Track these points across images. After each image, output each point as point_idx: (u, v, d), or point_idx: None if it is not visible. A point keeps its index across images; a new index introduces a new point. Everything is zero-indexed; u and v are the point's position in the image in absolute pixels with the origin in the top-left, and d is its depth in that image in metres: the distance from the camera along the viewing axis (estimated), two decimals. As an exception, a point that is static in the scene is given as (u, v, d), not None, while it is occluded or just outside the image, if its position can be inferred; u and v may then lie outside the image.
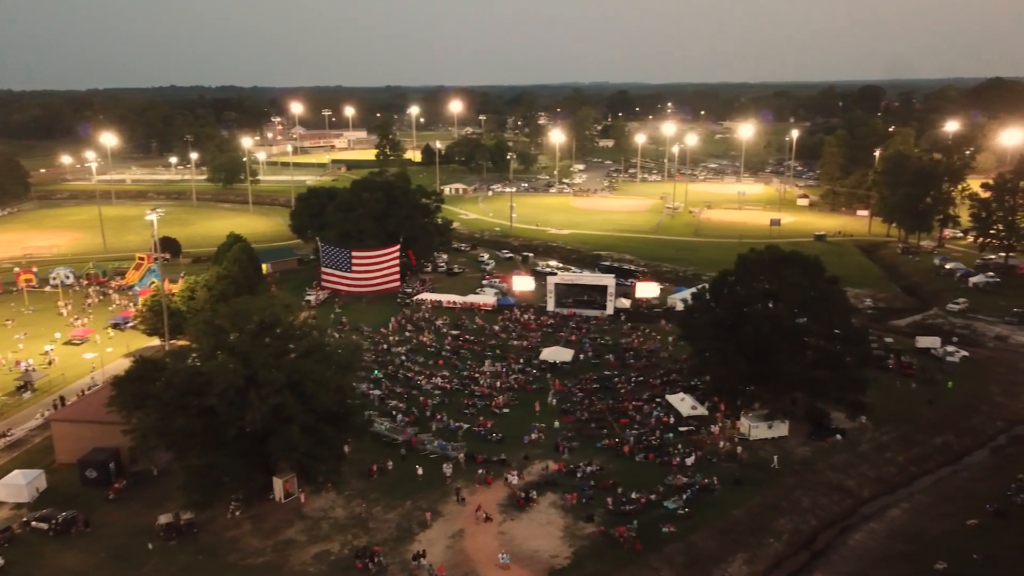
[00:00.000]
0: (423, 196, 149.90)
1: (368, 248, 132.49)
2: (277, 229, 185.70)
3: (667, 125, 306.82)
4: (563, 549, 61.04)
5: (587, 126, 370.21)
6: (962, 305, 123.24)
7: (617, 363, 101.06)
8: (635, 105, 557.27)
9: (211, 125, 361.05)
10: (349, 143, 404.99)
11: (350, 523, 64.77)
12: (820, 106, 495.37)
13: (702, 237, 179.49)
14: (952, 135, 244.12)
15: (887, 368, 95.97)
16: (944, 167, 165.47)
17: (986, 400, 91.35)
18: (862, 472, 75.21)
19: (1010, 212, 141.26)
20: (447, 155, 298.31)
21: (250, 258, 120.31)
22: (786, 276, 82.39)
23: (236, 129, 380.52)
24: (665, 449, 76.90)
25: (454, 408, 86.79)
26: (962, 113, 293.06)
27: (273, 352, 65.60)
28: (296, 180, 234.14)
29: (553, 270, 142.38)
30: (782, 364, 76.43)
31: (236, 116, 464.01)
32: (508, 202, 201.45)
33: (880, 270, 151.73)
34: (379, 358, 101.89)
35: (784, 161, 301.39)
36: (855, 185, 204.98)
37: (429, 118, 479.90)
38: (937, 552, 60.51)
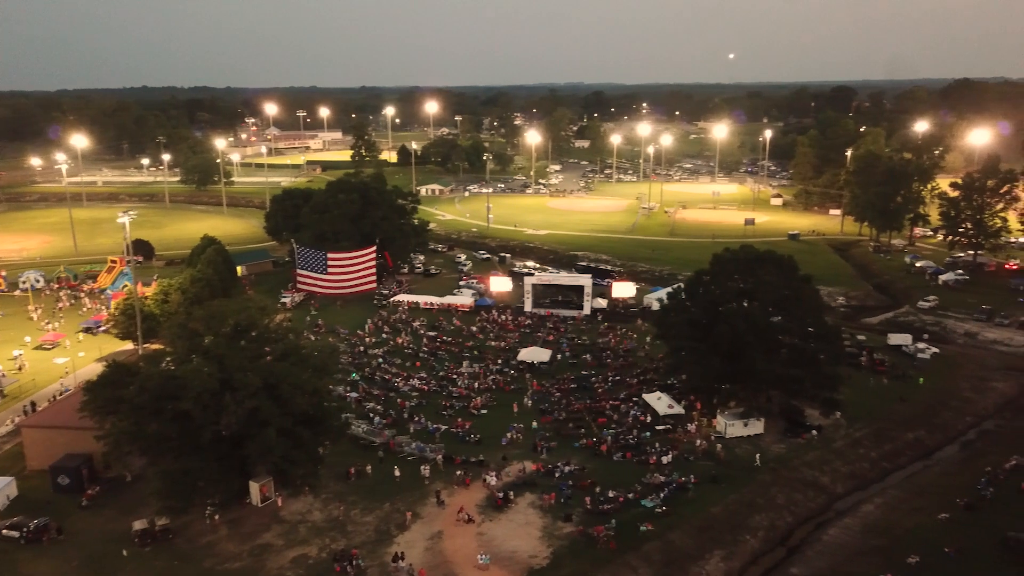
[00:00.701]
0: (399, 197, 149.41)
1: (344, 250, 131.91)
2: (252, 231, 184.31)
3: (642, 126, 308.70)
4: (542, 549, 61.18)
5: (563, 127, 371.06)
6: (932, 302, 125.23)
7: (594, 363, 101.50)
8: (610, 106, 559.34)
9: (184, 126, 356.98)
10: (324, 144, 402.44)
11: (328, 526, 64.44)
12: (793, 107, 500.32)
13: (677, 237, 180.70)
14: (921, 135, 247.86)
15: (860, 365, 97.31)
16: (914, 166, 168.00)
17: (956, 396, 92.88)
18: (836, 468, 76.14)
19: (978, 211, 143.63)
20: (423, 156, 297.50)
21: (224, 260, 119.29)
22: (760, 275, 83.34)
23: (209, 130, 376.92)
24: (642, 448, 77.38)
25: (432, 410, 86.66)
26: (931, 113, 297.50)
27: (249, 355, 65.11)
28: (271, 181, 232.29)
29: (530, 271, 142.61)
30: (757, 362, 77.25)
31: (209, 117, 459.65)
32: (485, 203, 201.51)
33: (852, 268, 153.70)
34: (356, 360, 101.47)
35: (758, 161, 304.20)
36: (827, 184, 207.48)
37: (405, 119, 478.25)
38: (909, 546, 61.41)
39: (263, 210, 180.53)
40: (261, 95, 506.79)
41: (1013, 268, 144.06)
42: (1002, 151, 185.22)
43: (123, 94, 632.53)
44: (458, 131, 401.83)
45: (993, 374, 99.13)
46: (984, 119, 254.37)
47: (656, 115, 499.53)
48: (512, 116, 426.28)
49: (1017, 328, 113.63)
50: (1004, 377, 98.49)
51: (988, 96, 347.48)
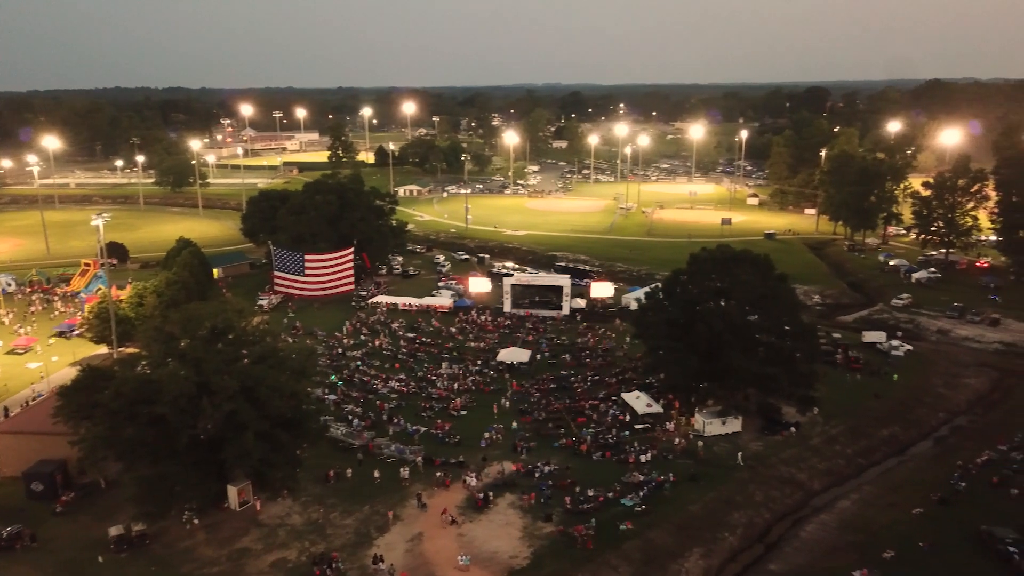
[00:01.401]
0: (377, 198, 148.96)
1: (321, 251, 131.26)
2: (228, 233, 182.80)
3: (619, 126, 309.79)
4: (522, 549, 61.28)
5: (540, 127, 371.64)
6: (906, 300, 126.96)
7: (573, 363, 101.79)
8: (587, 106, 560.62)
9: (158, 127, 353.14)
10: (301, 145, 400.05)
11: (307, 530, 64.10)
12: (768, 107, 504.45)
13: (655, 237, 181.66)
14: (894, 135, 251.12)
15: (835, 363, 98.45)
16: (887, 166, 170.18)
17: (929, 392, 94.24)
18: (813, 465, 76.98)
19: (949, 210, 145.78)
20: (401, 157, 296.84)
21: (200, 263, 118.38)
22: (737, 274, 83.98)
23: (184, 131, 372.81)
24: (622, 447, 77.73)
25: (411, 411, 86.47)
26: (903, 114, 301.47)
27: (226, 358, 64.57)
28: (247, 183, 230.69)
29: (509, 271, 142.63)
30: (734, 361, 77.91)
31: (184, 118, 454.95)
32: (463, 203, 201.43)
33: (827, 267, 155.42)
34: (334, 362, 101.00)
35: (734, 161, 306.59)
36: (802, 184, 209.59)
37: (382, 119, 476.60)
38: (885, 541, 62.22)
39: (239, 212, 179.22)
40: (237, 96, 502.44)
41: (984, 266, 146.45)
42: (972, 151, 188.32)
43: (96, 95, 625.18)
44: (436, 132, 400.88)
45: (965, 370, 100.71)
46: (955, 119, 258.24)
47: (633, 116, 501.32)
48: (490, 117, 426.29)
49: (988, 325, 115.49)
50: (976, 373, 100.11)
51: (959, 97, 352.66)
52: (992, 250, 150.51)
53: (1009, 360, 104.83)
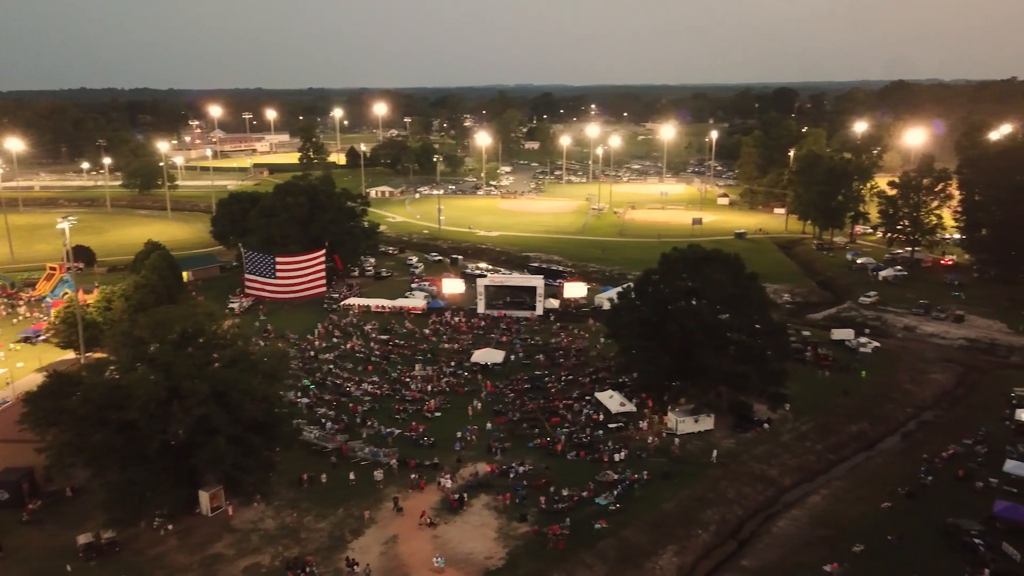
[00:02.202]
0: (348, 199, 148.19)
1: (293, 253, 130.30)
2: (198, 236, 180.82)
3: (591, 127, 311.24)
4: (497, 550, 61.35)
5: (512, 128, 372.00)
6: (873, 298, 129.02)
7: (547, 363, 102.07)
8: (559, 107, 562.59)
9: (125, 129, 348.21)
10: (271, 146, 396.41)
11: (280, 534, 63.61)
12: (737, 107, 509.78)
13: (627, 237, 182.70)
14: (860, 135, 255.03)
15: (805, 360, 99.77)
16: (854, 166, 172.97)
17: (896, 388, 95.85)
18: (784, 461, 77.94)
19: (915, 209, 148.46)
20: (372, 158, 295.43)
21: (170, 266, 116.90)
22: (708, 274, 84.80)
23: (152, 133, 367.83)
24: (596, 446, 78.10)
25: (385, 414, 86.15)
26: (869, 114, 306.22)
27: (196, 362, 63.90)
28: (217, 185, 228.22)
29: (483, 272, 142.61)
30: (706, 359, 78.70)
31: (151, 119, 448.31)
32: (436, 204, 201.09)
33: (797, 266, 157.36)
34: (306, 365, 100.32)
35: (704, 161, 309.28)
36: (772, 184, 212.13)
37: (353, 120, 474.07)
38: (855, 535, 63.22)
39: (209, 214, 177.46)
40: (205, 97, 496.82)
41: (948, 264, 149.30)
42: (936, 151, 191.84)
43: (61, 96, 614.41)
44: (407, 133, 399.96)
45: (931, 366, 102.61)
46: (919, 120, 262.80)
47: (604, 116, 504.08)
48: (462, 117, 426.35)
49: (952, 321, 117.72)
50: (941, 369, 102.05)
51: (923, 97, 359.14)
52: (956, 248, 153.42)
53: (973, 356, 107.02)
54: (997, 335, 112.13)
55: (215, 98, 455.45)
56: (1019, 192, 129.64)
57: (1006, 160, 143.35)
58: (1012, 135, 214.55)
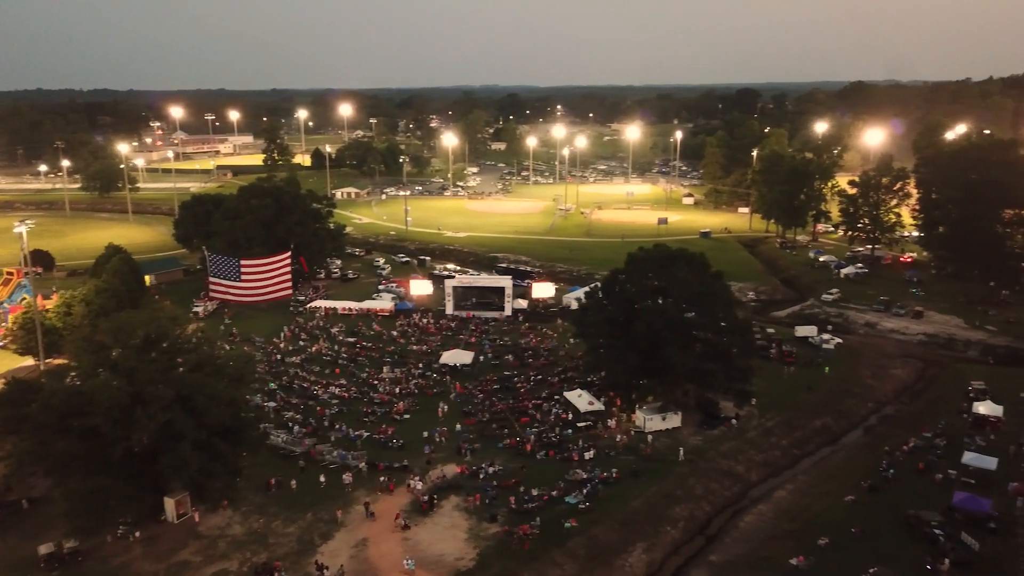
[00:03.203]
0: (314, 201, 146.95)
1: (257, 256, 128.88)
2: (160, 239, 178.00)
3: (557, 128, 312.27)
4: (468, 551, 61.36)
5: (479, 129, 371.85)
6: (835, 295, 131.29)
7: (516, 363, 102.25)
8: (525, 108, 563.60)
9: (84, 130, 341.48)
10: (235, 148, 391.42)
11: (248, 539, 62.94)
12: (701, 108, 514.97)
13: (594, 237, 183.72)
14: (821, 135, 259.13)
15: (770, 357, 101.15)
16: (815, 165, 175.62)
17: (858, 383, 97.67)
18: (750, 457, 79.00)
19: (874, 207, 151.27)
20: (338, 159, 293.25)
21: (132, 270, 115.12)
22: (674, 273, 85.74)
23: (112, 134, 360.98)
24: (565, 445, 78.45)
25: (353, 416, 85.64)
26: (829, 114, 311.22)
27: (160, 367, 63.02)
28: (179, 187, 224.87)
29: (451, 273, 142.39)
30: (673, 357, 79.49)
31: (111, 121, 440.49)
32: (402, 205, 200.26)
33: (761, 264, 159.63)
34: (273, 369, 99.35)
35: (669, 162, 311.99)
36: (735, 184, 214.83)
37: (318, 121, 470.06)
38: (819, 528, 64.29)
39: (172, 217, 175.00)
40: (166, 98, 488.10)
41: (908, 261, 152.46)
42: (894, 150, 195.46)
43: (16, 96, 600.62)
44: (373, 134, 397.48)
45: (892, 361, 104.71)
46: (877, 120, 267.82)
47: (570, 117, 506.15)
48: (428, 118, 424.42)
49: (912, 317, 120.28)
50: (902, 364, 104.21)
51: (880, 98, 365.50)
52: (915, 245, 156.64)
53: (932, 351, 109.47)
54: (955, 330, 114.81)
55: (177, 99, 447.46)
56: (973, 191, 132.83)
57: (961, 160, 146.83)
58: (966, 135, 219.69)
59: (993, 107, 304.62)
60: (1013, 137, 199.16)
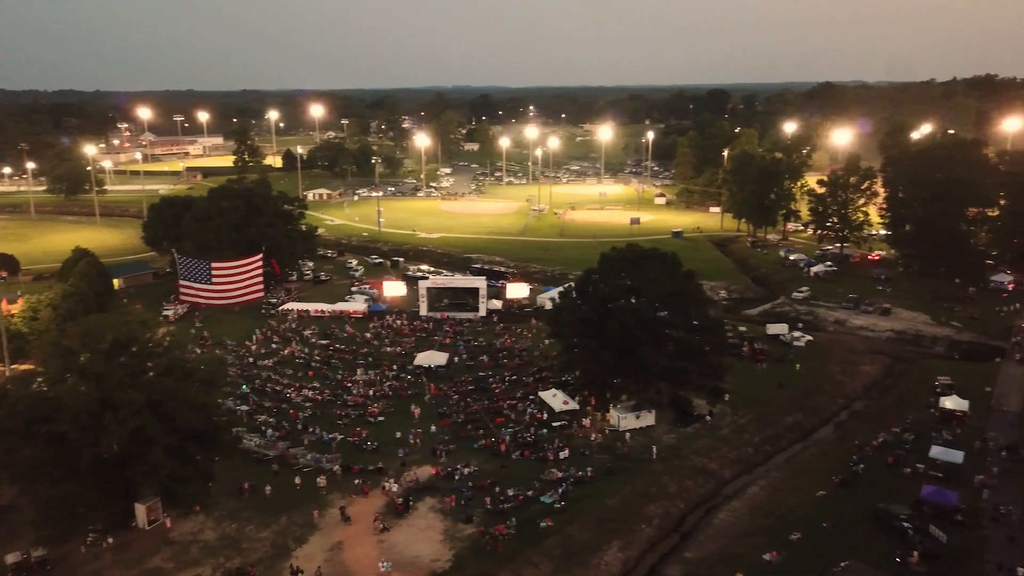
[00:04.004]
0: (285, 203, 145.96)
1: (228, 258, 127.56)
2: (129, 242, 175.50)
3: (529, 128, 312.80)
4: (444, 552, 61.27)
5: (451, 130, 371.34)
6: (805, 293, 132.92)
7: (491, 363, 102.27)
8: (497, 108, 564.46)
9: (49, 132, 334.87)
10: (204, 150, 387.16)
11: (221, 545, 62.29)
12: (672, 108, 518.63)
13: (567, 237, 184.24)
14: (791, 135, 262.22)
15: (742, 355, 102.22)
16: (784, 165, 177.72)
17: (828, 380, 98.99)
18: (723, 454, 79.72)
19: (843, 206, 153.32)
20: (309, 160, 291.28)
21: (100, 273, 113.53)
22: (647, 272, 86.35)
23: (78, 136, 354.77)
24: (540, 445, 78.63)
25: (327, 419, 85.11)
26: (798, 115, 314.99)
27: (130, 372, 62.18)
28: (148, 189, 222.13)
29: (424, 274, 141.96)
30: (646, 356, 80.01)
31: (77, 122, 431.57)
32: (375, 206, 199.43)
33: (732, 263, 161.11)
34: (245, 372, 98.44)
35: (641, 162, 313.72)
36: (707, 183, 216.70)
37: (289, 123, 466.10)
38: (792, 523, 65.07)
39: (140, 219, 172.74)
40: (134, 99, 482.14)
41: (875, 258, 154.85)
42: (862, 150, 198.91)
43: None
44: (345, 134, 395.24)
45: (861, 358, 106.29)
46: (845, 120, 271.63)
47: (543, 118, 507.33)
48: (400, 119, 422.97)
49: (880, 314, 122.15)
50: (871, 360, 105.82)
51: (848, 99, 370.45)
52: (882, 243, 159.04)
53: (900, 347, 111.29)
54: (922, 327, 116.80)
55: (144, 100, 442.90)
56: (938, 189, 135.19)
57: (926, 159, 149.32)
58: (931, 135, 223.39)
59: (956, 107, 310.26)
60: (976, 137, 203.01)
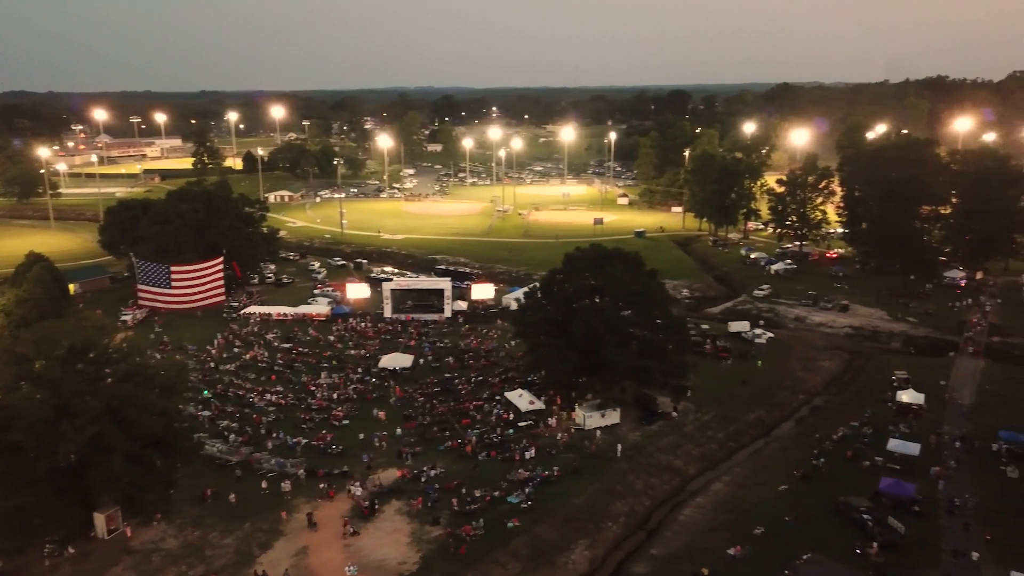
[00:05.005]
0: (246, 205, 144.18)
1: (188, 262, 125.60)
2: (85, 246, 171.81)
3: (493, 129, 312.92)
4: (411, 555, 61.02)
5: (415, 131, 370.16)
6: (766, 291, 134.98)
7: (457, 365, 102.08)
8: (460, 109, 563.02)
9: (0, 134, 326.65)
10: (162, 152, 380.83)
11: (184, 553, 61.28)
12: (634, 109, 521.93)
13: (531, 238, 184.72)
14: (750, 135, 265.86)
15: (704, 353, 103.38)
16: (744, 165, 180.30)
17: (789, 376, 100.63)
18: (688, 451, 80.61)
19: (801, 205, 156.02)
20: (271, 162, 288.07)
21: (54, 278, 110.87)
22: (610, 272, 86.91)
23: (31, 138, 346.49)
24: (506, 445, 78.70)
25: (291, 424, 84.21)
26: (757, 115, 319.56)
27: (87, 379, 60.98)
28: (104, 192, 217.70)
29: (388, 276, 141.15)
30: (610, 355, 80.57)
31: (30, 124, 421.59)
32: (337, 208, 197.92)
33: (694, 262, 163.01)
34: (206, 377, 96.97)
35: (604, 163, 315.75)
36: (669, 183, 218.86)
37: (249, 124, 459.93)
38: (755, 518, 66.04)
39: (97, 223, 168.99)
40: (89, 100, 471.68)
41: (833, 256, 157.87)
42: (819, 150, 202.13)
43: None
44: (306, 136, 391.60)
45: (820, 354, 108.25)
46: (803, 120, 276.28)
47: (506, 119, 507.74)
48: (362, 120, 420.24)
49: (839, 311, 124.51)
50: (830, 356, 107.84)
51: (805, 99, 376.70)
52: (840, 241, 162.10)
53: (857, 342, 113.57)
54: (878, 323, 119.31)
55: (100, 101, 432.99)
56: (892, 188, 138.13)
57: (880, 158, 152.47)
58: (885, 135, 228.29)
59: (909, 108, 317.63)
60: (928, 136, 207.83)
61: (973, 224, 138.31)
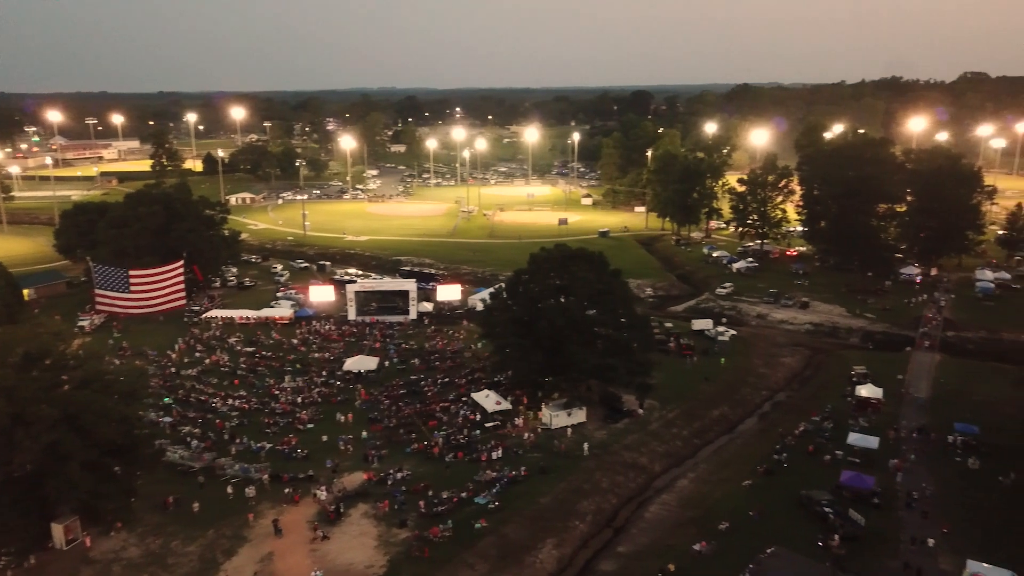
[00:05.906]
0: (207, 207, 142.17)
1: (147, 266, 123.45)
2: (39, 250, 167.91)
3: (456, 130, 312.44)
4: (378, 558, 60.66)
5: (378, 132, 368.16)
6: (728, 289, 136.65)
7: (423, 367, 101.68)
8: (424, 110, 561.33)
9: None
10: (120, 154, 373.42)
11: (146, 562, 60.18)
12: (597, 110, 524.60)
13: (497, 239, 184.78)
14: (711, 135, 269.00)
15: (668, 351, 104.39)
16: (706, 165, 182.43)
17: (752, 373, 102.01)
18: (653, 449, 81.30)
19: (762, 204, 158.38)
20: (231, 164, 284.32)
21: (8, 284, 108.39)
22: (575, 272, 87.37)
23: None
24: (473, 446, 78.62)
25: (255, 428, 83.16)
26: (718, 115, 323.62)
27: (43, 385, 59.52)
28: (59, 195, 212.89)
29: (352, 278, 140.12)
30: (575, 354, 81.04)
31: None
32: (299, 210, 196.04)
33: (658, 261, 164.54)
34: (167, 383, 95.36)
35: (568, 163, 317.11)
36: (632, 183, 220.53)
37: (209, 125, 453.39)
38: (720, 514, 66.81)
39: (52, 227, 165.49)
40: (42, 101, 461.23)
41: (794, 254, 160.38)
42: (779, 149, 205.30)
43: None
44: (268, 137, 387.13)
45: (782, 350, 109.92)
46: (762, 120, 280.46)
47: (470, 119, 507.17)
48: (324, 121, 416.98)
49: (799, 308, 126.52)
50: (791, 353, 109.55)
51: (765, 100, 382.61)
52: (800, 240, 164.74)
53: (818, 339, 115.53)
54: (838, 319, 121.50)
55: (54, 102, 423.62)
56: (850, 187, 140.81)
57: (838, 157, 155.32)
58: (843, 134, 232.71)
59: (866, 108, 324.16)
60: (884, 136, 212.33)
61: (928, 222, 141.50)
